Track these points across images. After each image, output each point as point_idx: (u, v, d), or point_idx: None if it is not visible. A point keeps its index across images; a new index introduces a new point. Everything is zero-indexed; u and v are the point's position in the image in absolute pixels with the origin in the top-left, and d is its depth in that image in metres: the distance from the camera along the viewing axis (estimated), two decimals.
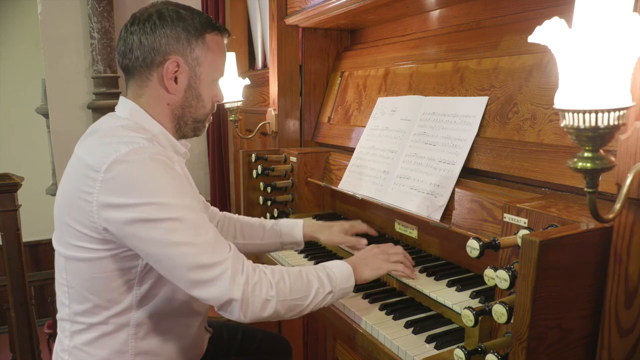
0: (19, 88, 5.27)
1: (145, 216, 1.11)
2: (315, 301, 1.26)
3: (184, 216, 1.13)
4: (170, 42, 1.25)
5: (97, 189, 1.13)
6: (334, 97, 2.36)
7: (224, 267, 1.14)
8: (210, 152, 3.82)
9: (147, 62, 1.26)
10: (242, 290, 1.14)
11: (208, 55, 1.31)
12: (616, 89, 0.75)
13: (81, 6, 3.52)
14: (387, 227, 1.86)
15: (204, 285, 1.13)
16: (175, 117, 1.33)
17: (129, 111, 1.29)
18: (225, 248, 1.18)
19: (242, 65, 3.38)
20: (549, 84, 1.33)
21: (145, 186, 1.12)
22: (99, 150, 1.16)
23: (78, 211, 1.17)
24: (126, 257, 1.20)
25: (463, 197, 1.42)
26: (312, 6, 2.09)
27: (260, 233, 1.72)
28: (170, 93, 1.29)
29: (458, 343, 1.15)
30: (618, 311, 0.91)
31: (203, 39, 1.30)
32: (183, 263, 1.12)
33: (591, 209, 0.83)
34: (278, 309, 1.20)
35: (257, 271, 1.20)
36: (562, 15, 0.79)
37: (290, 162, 2.18)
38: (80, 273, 1.22)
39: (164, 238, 1.11)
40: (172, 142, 1.33)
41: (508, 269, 0.95)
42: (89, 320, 1.24)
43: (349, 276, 1.33)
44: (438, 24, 1.88)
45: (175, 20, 1.26)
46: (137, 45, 1.26)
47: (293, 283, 1.23)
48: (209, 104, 1.37)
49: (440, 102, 1.66)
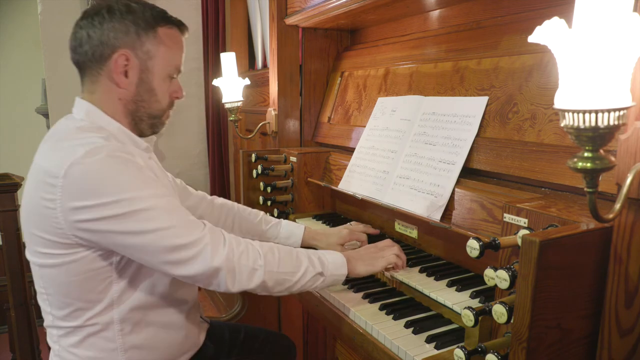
0: (19, 88, 5.28)
1: (116, 212, 1.12)
2: (304, 279, 1.28)
3: (153, 204, 1.15)
4: (118, 36, 1.24)
5: (59, 195, 1.12)
6: (334, 97, 2.36)
7: (203, 243, 1.17)
8: (210, 152, 3.82)
9: (96, 57, 1.25)
10: (227, 259, 1.17)
11: (160, 48, 1.29)
12: (616, 89, 0.75)
13: (81, 6, 3.51)
14: (387, 227, 1.86)
15: (186, 263, 1.16)
16: (129, 113, 1.31)
17: (85, 112, 1.28)
18: (200, 225, 1.20)
19: (242, 65, 3.38)
20: (549, 84, 1.33)
21: (108, 185, 1.12)
22: (55, 155, 1.16)
23: (42, 219, 1.16)
24: (98, 257, 1.20)
25: (463, 197, 1.42)
26: (312, 6, 2.09)
27: (260, 230, 1.72)
28: (121, 88, 1.27)
29: (458, 343, 1.15)
30: (618, 311, 0.91)
31: (155, 32, 1.27)
32: (161, 247, 1.14)
33: (591, 209, 0.83)
34: (266, 279, 1.22)
35: (243, 242, 1.22)
36: (562, 15, 0.79)
37: (290, 162, 2.18)
38: (55, 279, 1.22)
39: (138, 228, 1.13)
40: (132, 137, 1.31)
41: (508, 269, 0.95)
42: (72, 324, 1.24)
43: (342, 265, 1.36)
44: (438, 24, 1.88)
45: (124, 14, 1.24)
46: (86, 40, 1.24)
47: (282, 257, 1.26)
48: (164, 100, 1.35)
49: (440, 102, 1.66)
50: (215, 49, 3.56)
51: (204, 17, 3.82)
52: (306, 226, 1.74)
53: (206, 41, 3.76)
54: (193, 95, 4.02)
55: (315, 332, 2.37)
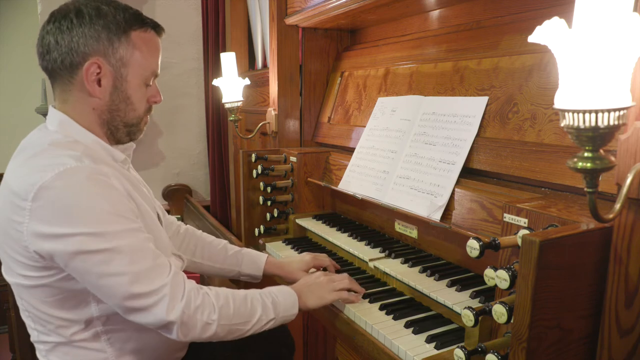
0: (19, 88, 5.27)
1: (78, 248, 1.07)
2: (256, 327, 1.27)
3: (119, 245, 1.09)
4: (88, 42, 1.16)
5: (27, 219, 1.08)
6: (334, 97, 2.36)
7: (160, 294, 1.13)
8: (210, 152, 3.82)
9: (66, 65, 1.18)
10: (181, 314, 1.13)
11: (135, 54, 1.22)
12: (616, 89, 0.75)
13: None
14: (387, 227, 1.86)
15: (140, 312, 1.13)
16: (104, 123, 1.25)
17: (58, 123, 1.21)
18: (165, 272, 1.15)
19: (242, 65, 3.38)
20: (549, 84, 1.33)
21: (77, 214, 1.07)
22: (25, 175, 1.10)
23: (12, 240, 1.13)
24: (72, 280, 1.15)
25: (463, 197, 1.42)
26: (312, 6, 2.09)
27: (221, 258, 1.68)
28: (95, 97, 1.21)
29: (458, 343, 1.15)
30: (618, 311, 0.91)
31: (127, 36, 1.20)
32: (118, 293, 1.10)
33: (591, 209, 0.83)
34: (218, 332, 1.20)
35: (200, 293, 1.19)
36: (562, 15, 0.79)
37: (290, 162, 2.18)
38: (33, 298, 1.19)
39: (98, 270, 1.09)
40: (108, 149, 1.26)
41: (508, 269, 0.95)
42: (57, 340, 1.22)
43: (294, 305, 1.34)
44: (438, 24, 1.88)
45: (94, 18, 1.16)
46: (54, 46, 1.17)
47: (237, 308, 1.23)
48: (141, 106, 1.28)
49: (440, 102, 1.66)
50: (215, 49, 3.56)
51: (204, 17, 3.82)
52: (268, 255, 1.70)
53: (206, 41, 3.76)
54: (193, 95, 4.02)
55: (315, 332, 2.37)
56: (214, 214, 3.72)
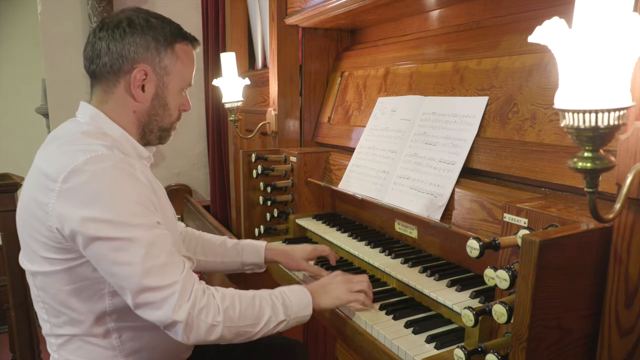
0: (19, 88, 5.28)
1: (98, 233, 1.10)
2: (266, 329, 1.25)
3: (138, 236, 1.12)
4: (139, 51, 1.25)
5: (54, 199, 1.11)
6: (334, 97, 2.36)
7: (171, 290, 1.13)
8: (210, 152, 3.82)
9: (114, 69, 1.25)
10: (187, 314, 1.13)
11: (177, 64, 1.31)
12: (616, 89, 0.75)
13: (81, 6, 3.52)
14: (387, 227, 1.86)
15: (148, 307, 1.13)
16: (141, 125, 1.32)
17: (89, 116, 1.27)
18: (179, 269, 1.16)
19: (242, 65, 3.38)
20: (549, 84, 1.33)
21: (103, 199, 1.11)
22: (57, 159, 1.15)
23: (38, 221, 1.16)
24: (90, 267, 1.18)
25: (463, 197, 1.42)
26: (312, 6, 2.09)
27: (222, 252, 1.69)
28: (137, 101, 1.29)
29: (458, 343, 1.15)
30: (618, 311, 0.91)
31: (172, 48, 1.30)
32: (130, 283, 1.12)
33: (591, 209, 0.83)
34: (224, 334, 1.19)
35: (206, 295, 1.18)
36: (562, 15, 0.79)
37: (290, 162, 2.18)
38: (50, 288, 1.21)
39: (113, 257, 1.11)
40: (135, 145, 1.32)
41: (508, 269, 0.95)
42: (70, 332, 1.24)
43: (307, 305, 1.32)
44: (438, 24, 1.88)
45: (145, 29, 1.26)
46: (105, 52, 1.25)
47: (244, 310, 1.22)
48: (175, 113, 1.37)
49: (440, 102, 1.66)
50: (215, 49, 3.56)
51: (204, 17, 3.82)
52: (267, 243, 1.71)
53: (206, 41, 3.76)
54: (193, 95, 4.00)
55: (315, 332, 2.37)
56: (214, 214, 3.72)
